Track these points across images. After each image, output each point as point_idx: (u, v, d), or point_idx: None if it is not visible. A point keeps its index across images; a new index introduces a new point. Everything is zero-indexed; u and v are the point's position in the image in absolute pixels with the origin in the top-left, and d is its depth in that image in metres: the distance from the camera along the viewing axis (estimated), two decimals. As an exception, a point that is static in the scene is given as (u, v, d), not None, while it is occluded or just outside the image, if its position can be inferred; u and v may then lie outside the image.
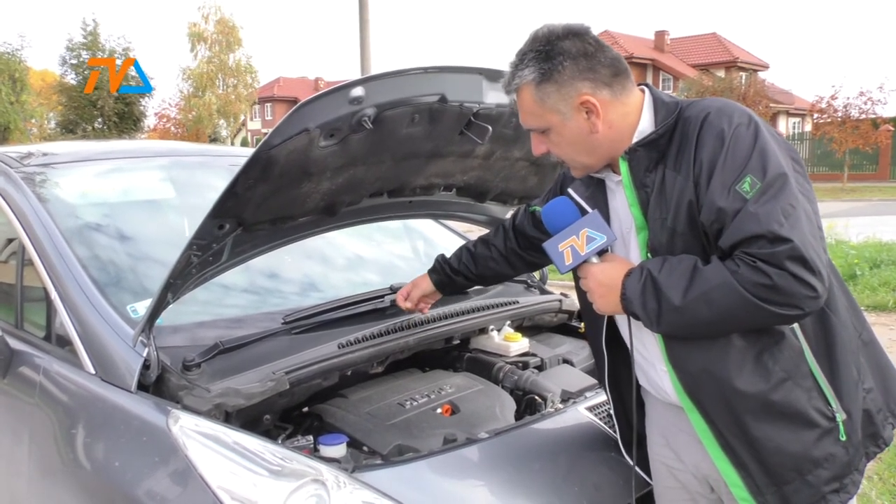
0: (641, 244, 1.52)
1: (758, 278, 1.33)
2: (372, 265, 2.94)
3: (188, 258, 1.69)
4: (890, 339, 5.79)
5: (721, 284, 1.36)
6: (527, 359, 2.38)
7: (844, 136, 26.21)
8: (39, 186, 2.34)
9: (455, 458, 1.71)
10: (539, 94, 1.50)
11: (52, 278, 1.99)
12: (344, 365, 1.95)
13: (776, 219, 1.33)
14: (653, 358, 1.60)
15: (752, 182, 1.36)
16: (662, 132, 1.48)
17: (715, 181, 1.39)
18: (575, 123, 1.51)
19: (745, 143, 1.40)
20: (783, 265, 1.32)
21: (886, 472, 3.32)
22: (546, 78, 1.48)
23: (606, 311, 1.56)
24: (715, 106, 1.47)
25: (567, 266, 1.54)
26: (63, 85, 31.93)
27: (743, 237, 1.35)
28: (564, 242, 1.53)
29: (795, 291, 1.33)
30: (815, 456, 1.46)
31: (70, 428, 1.80)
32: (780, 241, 1.32)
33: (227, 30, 32.13)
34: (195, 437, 1.57)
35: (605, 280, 1.51)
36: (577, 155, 1.56)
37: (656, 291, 1.42)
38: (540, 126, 1.54)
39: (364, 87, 1.65)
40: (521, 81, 1.51)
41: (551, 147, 1.57)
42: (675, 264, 1.43)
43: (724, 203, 1.37)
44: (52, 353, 1.98)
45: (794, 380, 1.45)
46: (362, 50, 12.83)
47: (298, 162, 1.70)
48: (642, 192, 1.50)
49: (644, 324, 1.48)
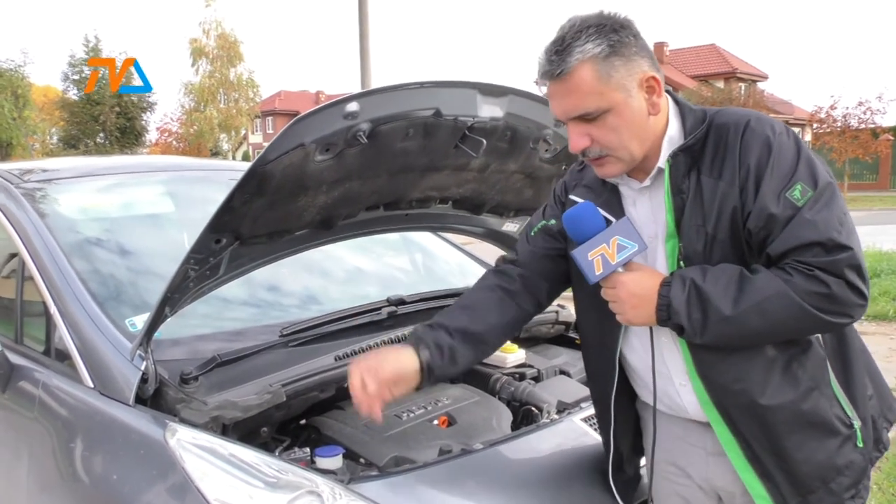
0: (670, 253, 1.47)
1: (814, 287, 1.32)
2: (370, 277, 2.96)
3: (185, 272, 1.70)
4: (890, 349, 5.79)
5: (776, 294, 1.34)
6: (523, 370, 2.39)
7: (844, 146, 26.29)
8: (39, 202, 2.36)
9: (450, 469, 1.72)
10: (605, 68, 1.38)
11: (52, 293, 2.01)
12: (341, 377, 1.96)
13: (834, 227, 1.33)
14: (671, 372, 1.56)
15: (803, 190, 1.35)
16: (700, 137, 1.44)
17: (764, 187, 1.36)
18: (637, 103, 1.42)
19: (791, 152, 1.39)
20: (843, 273, 1.32)
21: (885, 481, 3.32)
22: (614, 51, 1.38)
23: (637, 322, 1.48)
24: (753, 115, 1.45)
25: (597, 276, 1.45)
26: (65, 100, 32.13)
27: (798, 244, 1.33)
28: (595, 251, 1.44)
29: (849, 300, 1.33)
30: (839, 464, 1.47)
31: (69, 442, 1.81)
32: (840, 249, 1.32)
33: (228, 44, 32.28)
34: (192, 449, 1.58)
35: (638, 290, 1.44)
36: (631, 141, 1.44)
37: (701, 301, 1.38)
38: (601, 107, 1.41)
39: (359, 102, 1.68)
40: (584, 56, 1.37)
41: (604, 135, 1.44)
42: (718, 273, 1.39)
43: (776, 209, 1.35)
44: (52, 368, 2.00)
45: (819, 388, 1.45)
46: (362, 63, 12.89)
47: (294, 176, 1.73)
48: (678, 198, 1.45)
49: (685, 335, 1.43)
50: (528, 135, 2.11)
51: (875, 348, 5.60)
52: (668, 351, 1.54)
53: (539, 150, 2.20)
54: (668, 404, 1.60)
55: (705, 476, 1.60)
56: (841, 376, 1.50)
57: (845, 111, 26.88)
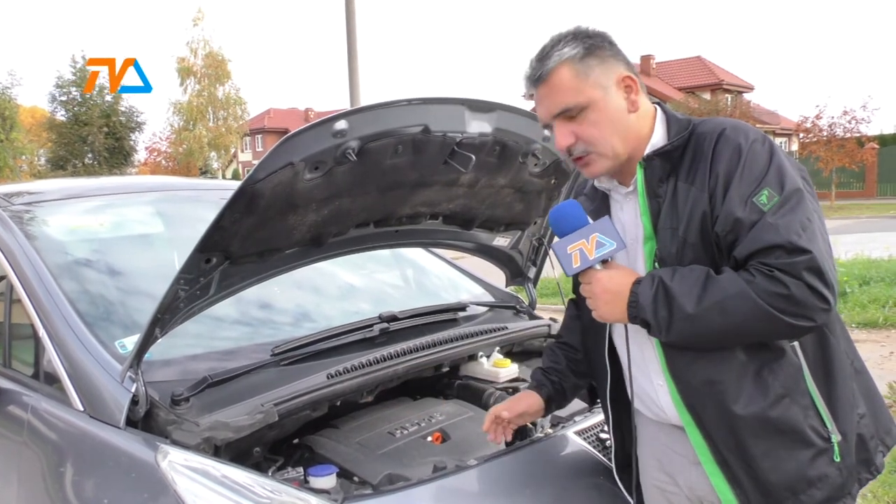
0: (648, 254, 1.53)
1: (774, 288, 1.35)
2: (361, 294, 2.95)
3: (176, 292, 1.70)
4: (881, 356, 5.81)
5: (737, 294, 1.37)
6: (517, 384, 2.38)
7: (830, 155, 26.48)
8: (27, 224, 2.35)
9: (444, 485, 1.71)
10: (582, 68, 1.50)
11: (40, 315, 2.00)
12: (333, 395, 1.95)
13: (795, 230, 1.37)
14: (650, 371, 1.60)
15: (770, 195, 1.39)
16: (678, 144, 1.51)
17: (732, 192, 1.42)
18: (615, 100, 1.52)
19: (762, 158, 1.43)
20: (800, 275, 1.35)
21: (880, 489, 3.32)
22: (590, 53, 1.51)
23: (609, 318, 1.54)
24: (729, 123, 1.51)
25: (574, 269, 1.52)
26: (53, 122, 32.05)
27: (761, 247, 1.37)
28: (574, 245, 1.51)
29: (810, 302, 1.36)
30: (810, 475, 1.47)
31: (58, 466, 1.79)
32: (799, 252, 1.35)
33: (215, 63, 32.36)
34: (184, 471, 1.57)
35: (612, 287, 1.50)
36: (612, 136, 1.52)
37: (668, 299, 1.43)
38: (580, 102, 1.50)
39: (347, 121, 1.68)
40: (562, 58, 1.51)
41: (585, 130, 1.52)
42: (686, 273, 1.44)
43: (742, 214, 1.40)
44: (41, 391, 1.98)
45: (791, 397, 1.46)
46: (351, 80, 12.94)
47: (284, 195, 1.72)
48: (654, 201, 1.52)
49: (652, 332, 1.48)
50: (516, 149, 2.11)
51: (867, 355, 5.60)
52: (647, 351, 1.59)
53: (528, 165, 2.21)
54: (650, 406, 1.64)
55: (689, 484, 1.62)
56: (823, 388, 1.50)
57: (831, 121, 27.09)
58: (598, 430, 2.06)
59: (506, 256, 2.69)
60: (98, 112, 30.80)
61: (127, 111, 32.57)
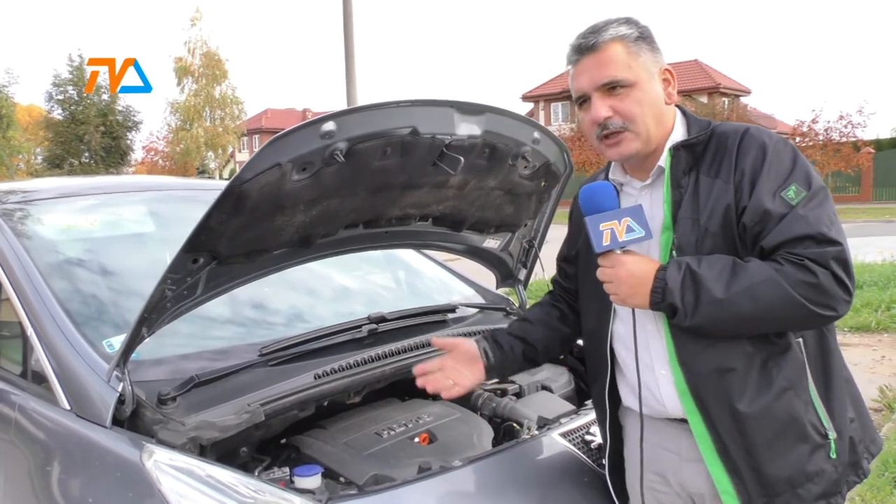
0: (664, 245, 1.57)
1: (803, 276, 1.40)
2: (352, 295, 2.96)
3: (162, 292, 1.70)
4: (873, 360, 5.83)
5: (765, 280, 1.42)
6: (505, 386, 2.39)
7: (826, 160, 26.58)
8: (17, 223, 2.35)
9: (430, 486, 1.72)
10: (635, 48, 1.57)
11: (29, 314, 2.00)
12: (320, 395, 1.96)
13: (825, 223, 1.43)
14: (653, 361, 1.61)
15: (798, 190, 1.46)
16: (702, 139, 1.58)
17: (760, 186, 1.48)
18: (657, 88, 1.59)
19: (787, 157, 1.51)
20: (829, 265, 1.40)
21: (868, 493, 3.33)
22: (642, 38, 1.58)
23: (631, 302, 1.55)
24: (752, 126, 1.59)
25: (604, 246, 1.52)
26: (50, 120, 31.99)
27: (791, 237, 1.42)
28: (607, 223, 1.52)
29: (835, 292, 1.41)
30: (808, 470, 1.50)
31: (45, 465, 1.80)
32: (829, 243, 1.41)
33: (213, 63, 32.34)
34: (169, 471, 1.57)
35: (637, 271, 1.51)
36: (650, 118, 1.58)
37: (695, 284, 1.46)
38: (629, 78, 1.55)
39: (335, 122, 1.69)
40: (617, 34, 1.56)
41: (627, 106, 1.56)
42: (712, 261, 1.48)
43: (771, 206, 1.45)
44: (28, 390, 1.98)
45: (795, 391, 1.50)
46: (348, 81, 12.96)
47: (271, 196, 1.73)
48: (676, 191, 1.57)
49: (677, 317, 1.49)
50: (506, 152, 2.12)
51: (859, 360, 5.66)
52: (653, 339, 1.60)
53: (518, 167, 2.22)
54: (647, 400, 1.65)
55: (679, 480, 1.64)
56: (821, 387, 1.54)
57: (827, 125, 27.21)
58: (583, 432, 2.07)
59: (496, 258, 2.70)
60: (95, 111, 30.76)
61: (124, 110, 32.55)
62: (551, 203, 2.51)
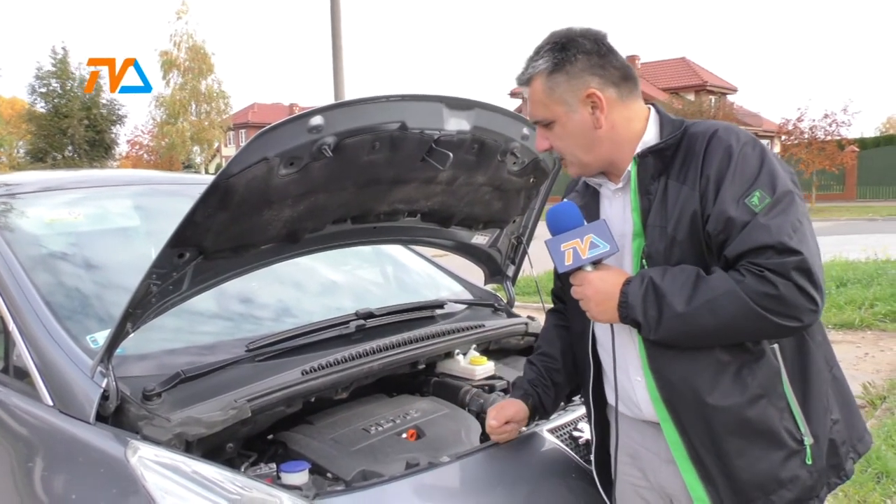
0: (636, 251, 1.55)
1: (764, 288, 1.37)
2: (340, 290, 2.94)
3: (147, 287, 1.68)
4: (857, 357, 5.88)
5: (726, 293, 1.39)
6: (493, 382, 2.39)
7: (811, 158, 26.75)
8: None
9: (417, 482, 1.71)
10: (549, 83, 1.55)
11: (10, 309, 1.97)
12: (308, 391, 1.95)
13: (786, 231, 1.39)
14: (629, 367, 1.62)
15: (762, 196, 1.42)
16: (671, 143, 1.54)
17: (724, 193, 1.44)
18: (579, 117, 1.56)
19: (754, 161, 1.46)
20: (790, 276, 1.37)
21: (851, 488, 3.36)
22: (558, 68, 1.54)
23: (601, 318, 1.56)
24: (722, 125, 1.54)
25: (566, 266, 1.53)
26: (32, 113, 31.57)
27: (752, 247, 1.39)
28: (568, 243, 1.53)
29: (798, 303, 1.38)
30: (782, 477, 1.49)
31: (27, 461, 1.77)
32: (789, 253, 1.37)
33: (199, 56, 32.12)
34: (154, 467, 1.55)
35: (603, 287, 1.51)
36: (577, 150, 1.59)
37: (658, 298, 1.45)
38: (545, 117, 1.58)
39: (323, 116, 1.68)
40: (534, 71, 1.57)
41: (553, 141, 1.61)
42: (676, 273, 1.46)
43: (734, 213, 1.42)
44: (10, 386, 1.96)
45: (769, 398, 1.48)
46: (336, 76, 12.90)
47: (258, 190, 1.71)
48: (645, 198, 1.55)
49: (642, 331, 1.49)
50: (495, 147, 2.12)
51: (843, 356, 5.66)
52: (627, 347, 1.60)
53: (507, 163, 2.22)
54: (626, 402, 1.66)
55: (659, 482, 1.65)
56: (799, 392, 1.52)
57: (812, 123, 27.38)
58: (571, 427, 2.07)
59: (484, 254, 2.69)
60: (78, 104, 30.37)
61: (108, 104, 32.17)
62: (540, 199, 2.51)
